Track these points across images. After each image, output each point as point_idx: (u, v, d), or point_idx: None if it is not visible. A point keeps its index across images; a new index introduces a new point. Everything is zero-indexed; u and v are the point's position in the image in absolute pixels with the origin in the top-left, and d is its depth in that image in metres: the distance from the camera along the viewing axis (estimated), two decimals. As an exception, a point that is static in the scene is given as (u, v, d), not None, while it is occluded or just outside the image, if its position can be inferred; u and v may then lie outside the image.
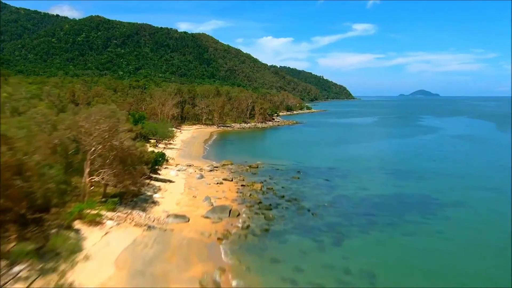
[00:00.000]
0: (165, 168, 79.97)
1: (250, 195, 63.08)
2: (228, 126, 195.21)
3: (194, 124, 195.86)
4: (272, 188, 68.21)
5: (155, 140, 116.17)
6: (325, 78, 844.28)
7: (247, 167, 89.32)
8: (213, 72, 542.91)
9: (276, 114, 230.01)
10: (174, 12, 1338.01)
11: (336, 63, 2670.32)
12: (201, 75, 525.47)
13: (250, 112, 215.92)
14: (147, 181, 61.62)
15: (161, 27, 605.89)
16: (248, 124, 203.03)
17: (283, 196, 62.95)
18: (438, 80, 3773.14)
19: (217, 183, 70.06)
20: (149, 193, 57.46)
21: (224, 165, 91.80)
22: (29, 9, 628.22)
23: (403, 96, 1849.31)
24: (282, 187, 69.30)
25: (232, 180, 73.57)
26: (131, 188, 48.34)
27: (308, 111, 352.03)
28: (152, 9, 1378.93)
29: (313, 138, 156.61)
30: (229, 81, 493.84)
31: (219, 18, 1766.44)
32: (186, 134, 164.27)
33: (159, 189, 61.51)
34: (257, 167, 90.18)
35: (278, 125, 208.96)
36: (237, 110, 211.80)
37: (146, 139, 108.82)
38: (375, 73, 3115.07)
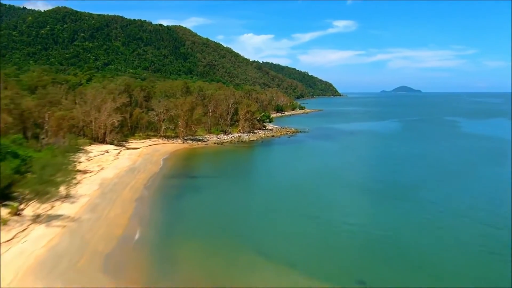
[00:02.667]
0: None
1: None
2: (199, 140, 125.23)
3: (149, 136, 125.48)
4: None
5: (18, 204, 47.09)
6: (310, 74, 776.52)
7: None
8: (190, 68, 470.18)
9: (268, 120, 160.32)
10: (152, 9, 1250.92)
11: (317, 60, 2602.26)
12: (177, 71, 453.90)
13: (232, 117, 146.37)
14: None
15: (134, 19, 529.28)
16: (229, 136, 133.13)
17: None
18: (419, 77, 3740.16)
19: None
20: None
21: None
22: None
23: (385, 92, 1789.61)
24: None
25: None
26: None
27: (301, 111, 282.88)
28: (129, 6, 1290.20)
29: (357, 175, 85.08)
30: (208, 77, 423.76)
31: (199, 15, 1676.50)
32: (125, 158, 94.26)
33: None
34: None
35: (273, 136, 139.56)
36: (213, 115, 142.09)
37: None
38: (356, 69, 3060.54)
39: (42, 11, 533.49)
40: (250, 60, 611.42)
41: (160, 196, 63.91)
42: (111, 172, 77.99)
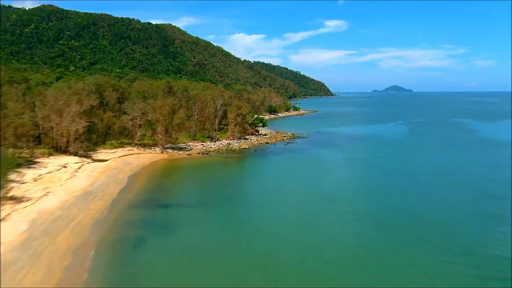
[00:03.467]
0: None
1: None
2: (181, 149, 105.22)
3: (122, 145, 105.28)
4: None
5: None
6: (301, 73, 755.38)
7: None
8: (179, 67, 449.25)
9: (261, 124, 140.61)
10: (142, 9, 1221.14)
11: (308, 59, 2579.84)
12: (165, 70, 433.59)
13: (221, 120, 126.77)
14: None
15: (122, 18, 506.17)
16: (217, 143, 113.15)
17: None
18: (410, 76, 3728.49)
19: None
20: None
21: None
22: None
23: (376, 92, 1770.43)
24: None
25: None
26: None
27: (296, 112, 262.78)
28: (118, 6, 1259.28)
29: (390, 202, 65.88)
30: (198, 77, 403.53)
31: (190, 15, 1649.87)
32: (85, 175, 74.54)
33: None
34: None
35: (267, 142, 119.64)
36: (199, 119, 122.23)
37: None
38: (347, 69, 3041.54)
39: (27, 9, 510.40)
40: (241, 60, 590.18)
41: (112, 241, 43.95)
42: (57, 198, 57.86)
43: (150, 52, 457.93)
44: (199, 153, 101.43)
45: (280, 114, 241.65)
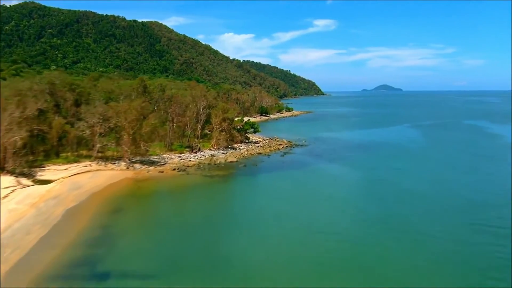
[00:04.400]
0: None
1: None
2: (152, 163, 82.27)
3: (79, 159, 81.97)
4: None
5: None
6: (292, 72, 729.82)
7: None
8: (166, 66, 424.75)
9: (252, 129, 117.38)
10: (130, 8, 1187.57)
11: (298, 59, 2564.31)
12: (152, 69, 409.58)
13: (204, 125, 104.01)
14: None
15: (107, 15, 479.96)
16: (198, 155, 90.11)
17: None
18: (399, 75, 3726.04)
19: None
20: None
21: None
22: None
23: (366, 91, 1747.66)
24: None
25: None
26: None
27: (289, 114, 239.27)
28: (103, 5, 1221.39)
29: None
30: (185, 76, 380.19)
31: (179, 15, 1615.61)
32: (8, 210, 51.20)
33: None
34: None
35: (260, 153, 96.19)
36: (177, 124, 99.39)
37: None
38: (337, 68, 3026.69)
39: (8, 6, 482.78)
40: (230, 58, 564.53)
41: None
42: None
43: (136, 50, 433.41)
44: (174, 169, 78.42)
45: (272, 116, 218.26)
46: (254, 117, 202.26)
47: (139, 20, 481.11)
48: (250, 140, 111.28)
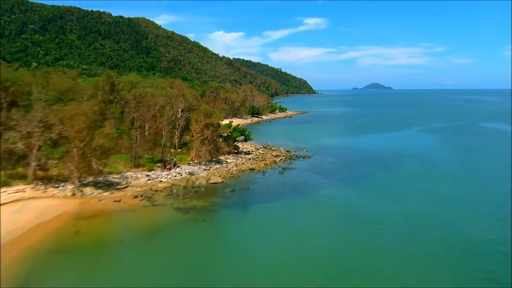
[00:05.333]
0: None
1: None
2: (110, 185, 60.36)
3: (12, 179, 59.84)
4: None
5: None
6: (283, 71, 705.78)
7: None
8: (153, 63, 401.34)
9: (243, 137, 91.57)
10: (119, 6, 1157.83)
11: (288, 57, 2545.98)
12: (138, 67, 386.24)
13: (183, 132, 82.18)
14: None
15: (92, 10, 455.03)
16: (172, 172, 68.59)
17: None
18: (389, 74, 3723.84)
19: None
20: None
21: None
22: None
23: (356, 89, 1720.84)
24: None
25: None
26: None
27: (283, 114, 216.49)
28: (90, 3, 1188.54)
29: None
30: (173, 74, 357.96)
31: (169, 13, 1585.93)
32: None
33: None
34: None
35: (252, 169, 73.12)
36: (148, 132, 77.46)
37: None
38: (327, 67, 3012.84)
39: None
40: (220, 56, 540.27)
41: None
42: None
43: (122, 47, 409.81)
44: (136, 196, 56.36)
45: (264, 117, 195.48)
46: (244, 119, 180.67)
47: (126, 16, 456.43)
48: (240, 150, 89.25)
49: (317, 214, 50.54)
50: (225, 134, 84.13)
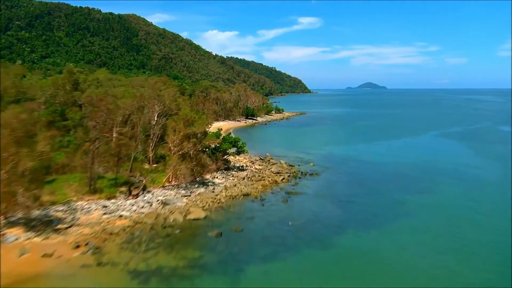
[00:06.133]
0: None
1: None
2: (48, 224, 42.24)
3: None
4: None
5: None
6: (277, 69, 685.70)
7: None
8: (143, 61, 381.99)
9: (236, 149, 72.60)
10: (113, 5, 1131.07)
11: (282, 56, 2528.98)
12: (128, 65, 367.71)
13: (159, 143, 63.96)
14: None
15: (81, 7, 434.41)
16: (138, 202, 50.81)
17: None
18: (383, 73, 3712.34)
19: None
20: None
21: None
22: None
23: (350, 89, 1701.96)
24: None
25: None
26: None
27: (279, 116, 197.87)
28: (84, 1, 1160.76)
29: None
30: (164, 72, 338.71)
31: (163, 12, 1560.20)
32: None
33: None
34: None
35: (247, 194, 54.99)
36: (117, 143, 59.22)
37: None
38: (321, 66, 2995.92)
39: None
40: (213, 54, 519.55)
41: None
42: None
43: (111, 44, 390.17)
44: (77, 246, 38.01)
45: (259, 119, 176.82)
46: (238, 121, 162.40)
47: (116, 13, 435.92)
48: (231, 165, 70.87)
49: (344, 282, 32.39)
50: (213, 146, 65.75)
